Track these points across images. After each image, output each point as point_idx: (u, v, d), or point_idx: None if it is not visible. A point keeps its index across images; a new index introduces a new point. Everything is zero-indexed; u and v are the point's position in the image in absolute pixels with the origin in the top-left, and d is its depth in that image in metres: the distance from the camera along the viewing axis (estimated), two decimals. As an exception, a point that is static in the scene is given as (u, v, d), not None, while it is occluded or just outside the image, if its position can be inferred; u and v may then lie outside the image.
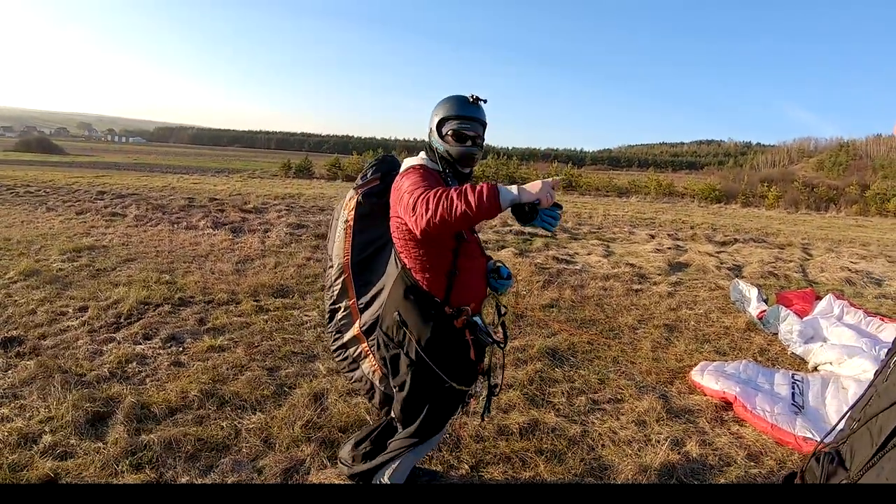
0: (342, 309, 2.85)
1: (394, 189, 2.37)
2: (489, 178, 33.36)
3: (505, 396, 4.17)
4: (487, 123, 2.47)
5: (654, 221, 18.22)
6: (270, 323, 5.51)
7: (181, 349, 4.76)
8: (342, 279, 2.81)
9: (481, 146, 2.48)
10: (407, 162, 2.53)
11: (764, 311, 6.53)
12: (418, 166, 2.40)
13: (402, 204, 2.17)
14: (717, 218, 21.94)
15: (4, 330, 4.91)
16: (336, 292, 2.85)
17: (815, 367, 5.26)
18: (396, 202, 2.30)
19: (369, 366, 2.78)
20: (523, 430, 3.72)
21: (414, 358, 2.41)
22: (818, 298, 7.09)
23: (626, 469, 3.37)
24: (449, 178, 2.47)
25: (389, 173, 2.66)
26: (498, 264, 2.74)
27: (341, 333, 2.89)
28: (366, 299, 2.78)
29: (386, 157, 2.81)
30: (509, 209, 2.08)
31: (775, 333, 6.11)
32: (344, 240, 2.76)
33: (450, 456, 3.41)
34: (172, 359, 4.53)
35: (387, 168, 2.73)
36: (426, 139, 2.53)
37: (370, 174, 2.72)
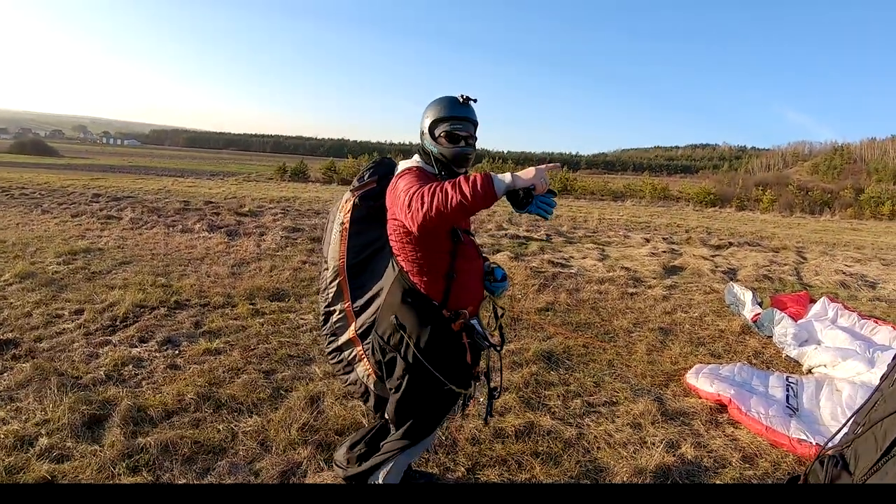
0: (337, 312, 2.83)
1: (389, 191, 2.37)
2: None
3: (501, 399, 4.17)
4: (478, 123, 2.48)
5: (650, 225, 18.26)
6: (266, 326, 5.51)
7: (177, 352, 4.76)
8: (337, 282, 2.78)
9: (474, 146, 2.48)
10: (402, 164, 2.53)
11: (758, 315, 6.55)
12: (414, 168, 2.40)
13: (399, 203, 2.17)
14: (712, 221, 22.01)
15: (0, 332, 4.90)
16: (331, 295, 2.83)
17: (810, 370, 5.28)
18: (393, 203, 2.29)
19: (364, 369, 2.76)
20: (519, 433, 3.73)
21: (411, 361, 2.40)
22: (812, 301, 7.12)
23: (622, 471, 3.39)
24: (443, 178, 2.47)
25: (386, 176, 2.64)
26: (493, 266, 2.75)
27: (336, 336, 2.86)
28: (361, 302, 2.76)
29: (383, 160, 2.80)
30: (504, 197, 2.08)
31: (770, 336, 6.13)
32: (340, 242, 2.74)
33: (446, 458, 3.41)
34: (168, 362, 4.53)
35: (383, 171, 2.71)
36: (419, 142, 2.53)
37: (367, 177, 2.70)
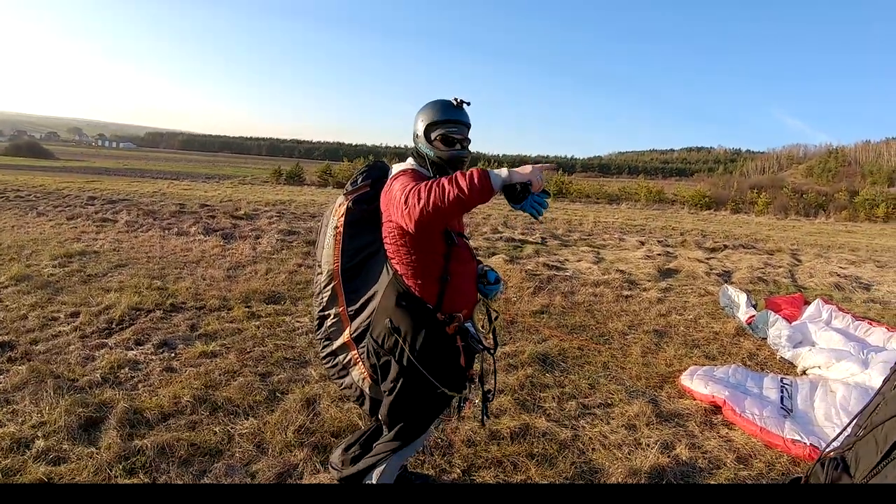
0: (332, 316, 2.82)
1: (384, 193, 2.37)
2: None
3: (496, 401, 4.19)
4: (471, 125, 2.50)
5: (645, 228, 18.31)
6: (262, 329, 5.51)
7: (173, 355, 4.75)
8: (332, 286, 2.78)
9: (468, 148, 2.50)
10: (396, 167, 2.53)
11: (753, 317, 6.58)
12: (409, 170, 2.40)
13: (395, 202, 2.16)
14: (707, 224, 22.08)
15: (-5, 335, 4.89)
16: (325, 299, 2.82)
17: (804, 371, 5.31)
18: (388, 204, 2.29)
19: (359, 373, 2.76)
20: (514, 435, 3.73)
21: (405, 364, 2.41)
22: (807, 303, 7.16)
23: (617, 472, 3.40)
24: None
25: (380, 180, 2.65)
26: (485, 269, 2.75)
27: (331, 340, 2.86)
28: (356, 306, 2.76)
29: (376, 164, 2.80)
30: (501, 192, 2.08)
31: (764, 338, 6.16)
32: (333, 247, 2.73)
33: (441, 460, 3.42)
34: (165, 364, 4.53)
35: (377, 174, 2.71)
36: (413, 145, 2.54)
37: (360, 180, 2.70)
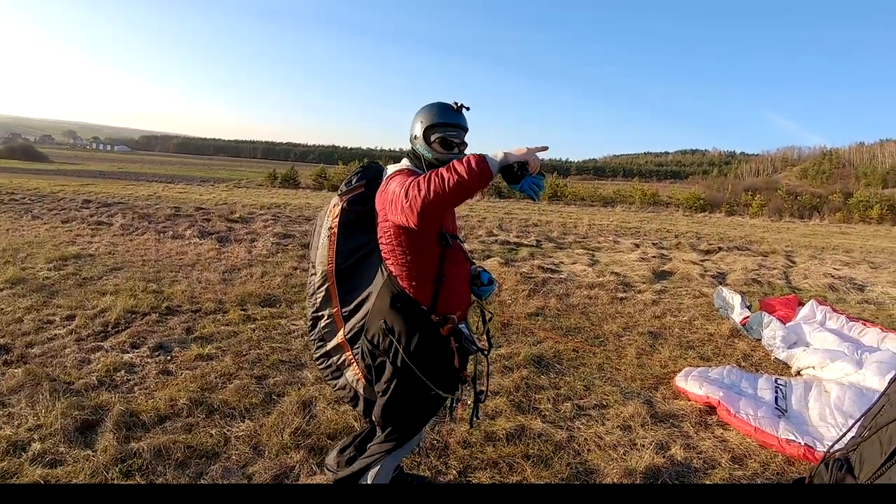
0: (325, 317, 2.81)
1: (380, 193, 2.37)
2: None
3: (492, 403, 4.20)
4: (469, 129, 2.52)
5: (639, 230, 18.37)
6: (258, 332, 5.51)
7: (169, 358, 4.75)
8: (326, 287, 2.77)
9: (464, 152, 2.51)
10: (391, 168, 2.53)
11: (747, 318, 6.61)
12: (405, 170, 2.40)
13: (394, 198, 2.16)
14: (702, 227, 22.16)
15: (-9, 338, 4.88)
16: (319, 300, 2.80)
17: (798, 372, 5.34)
18: (385, 203, 2.29)
19: (353, 374, 2.75)
20: (510, 436, 3.75)
21: (399, 366, 2.42)
22: (801, 304, 7.19)
23: (612, 472, 3.42)
24: None
25: (374, 180, 2.64)
26: (479, 270, 2.77)
27: (324, 342, 2.84)
28: (350, 307, 2.74)
29: (371, 165, 2.79)
30: (499, 174, 2.11)
31: (758, 339, 6.19)
32: (328, 248, 2.72)
33: (437, 462, 3.43)
34: (160, 367, 4.53)
35: (371, 175, 2.70)
36: (410, 146, 2.55)
37: (355, 181, 2.68)
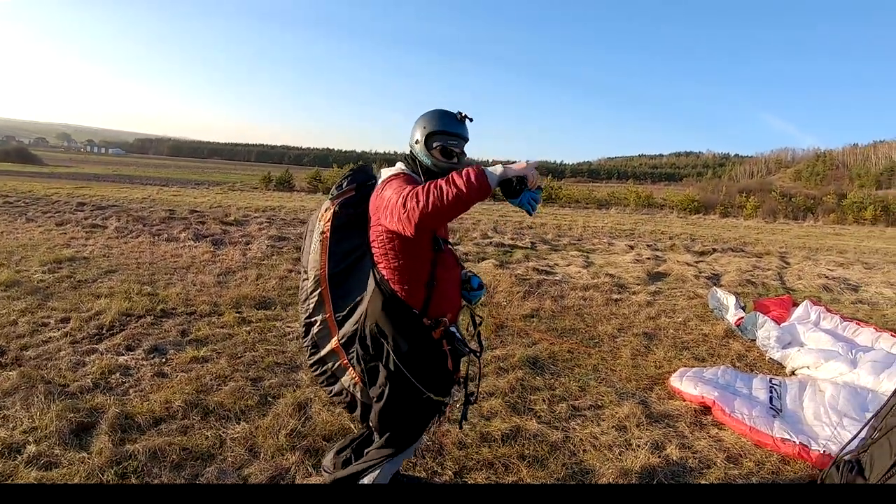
0: (318, 322, 2.79)
1: (375, 197, 2.38)
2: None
3: (487, 404, 4.21)
4: (469, 140, 2.54)
5: (634, 232, 18.42)
6: (253, 334, 5.51)
7: (164, 360, 4.75)
8: (318, 291, 2.74)
9: (462, 162, 2.53)
10: (386, 171, 2.52)
11: (741, 318, 6.64)
12: (401, 174, 2.41)
13: (389, 207, 2.17)
14: (696, 228, 22.22)
15: (-15, 341, 4.86)
16: (312, 305, 2.78)
17: (793, 372, 5.37)
18: (380, 209, 2.29)
19: (349, 378, 2.73)
20: (505, 437, 3.75)
21: (392, 369, 2.42)
22: (795, 305, 7.22)
23: (608, 472, 3.43)
24: None
25: (365, 183, 2.66)
26: (469, 274, 2.77)
27: (318, 347, 2.81)
28: (343, 312, 2.72)
29: (361, 168, 2.79)
30: (498, 188, 2.12)
31: (753, 340, 6.22)
32: (320, 252, 2.70)
33: (433, 463, 3.44)
34: (156, 369, 4.52)
35: (362, 178, 2.70)
36: (409, 149, 2.55)
37: (345, 185, 2.68)
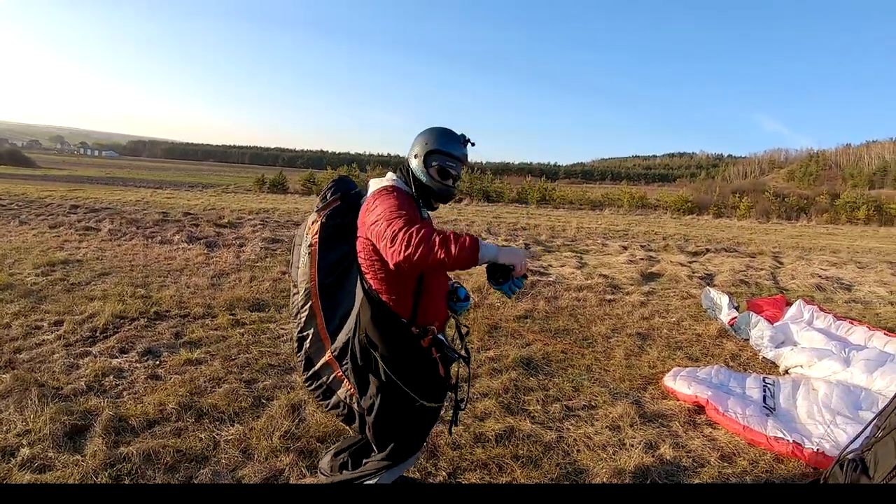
0: (311, 336, 2.77)
1: (365, 211, 2.39)
2: (463, 193, 33.48)
3: (481, 405, 4.22)
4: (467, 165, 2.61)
5: (627, 233, 18.46)
6: (247, 336, 5.51)
7: (158, 362, 4.74)
8: (309, 305, 2.74)
9: (458, 185, 2.60)
10: (376, 183, 2.54)
11: (735, 318, 6.66)
12: (391, 188, 2.43)
13: (377, 231, 2.19)
14: (690, 229, 22.27)
15: (-22, 345, 4.84)
16: (304, 319, 2.77)
17: (787, 371, 5.39)
18: (368, 225, 2.30)
19: (345, 390, 2.71)
20: (499, 437, 3.76)
21: (384, 379, 2.43)
22: (788, 304, 7.23)
23: (602, 472, 3.44)
24: (420, 203, 2.53)
25: (348, 192, 2.68)
26: (455, 286, 2.78)
27: (312, 361, 2.80)
28: (336, 323, 2.71)
29: (342, 178, 2.79)
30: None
31: (746, 339, 6.24)
32: (309, 265, 2.70)
33: (427, 463, 3.44)
34: (149, 372, 4.52)
35: (345, 187, 2.71)
36: (408, 162, 2.56)
37: (329, 196, 2.68)
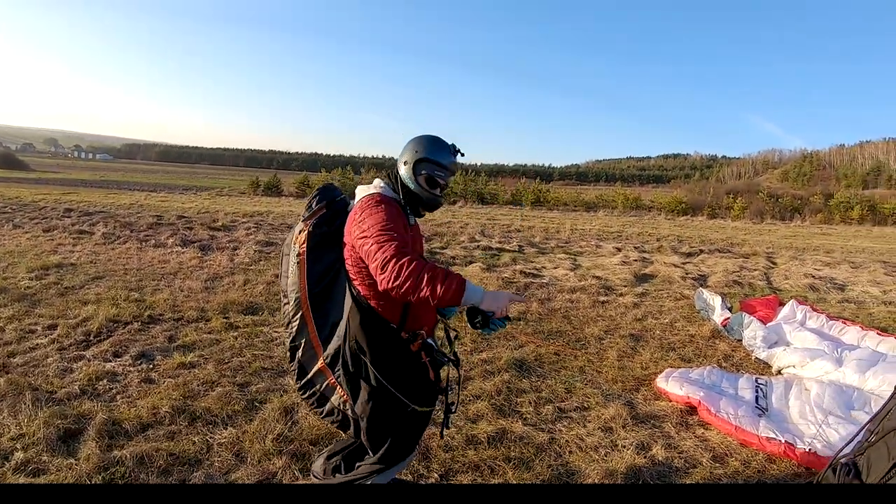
0: (303, 345, 2.78)
1: (352, 221, 2.41)
2: (457, 195, 33.47)
3: (473, 407, 4.24)
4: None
5: (621, 235, 18.53)
6: (240, 339, 5.51)
7: (151, 366, 4.74)
8: (300, 314, 2.75)
9: (445, 194, 2.66)
10: (363, 190, 2.56)
11: (728, 319, 6.69)
12: (378, 197, 2.45)
13: (366, 250, 2.23)
14: (684, 230, 22.36)
15: (-29, 349, 4.83)
16: (295, 329, 2.78)
17: (779, 371, 5.43)
18: (357, 237, 2.33)
19: (339, 397, 2.72)
20: (491, 439, 3.78)
21: (374, 385, 2.44)
22: (781, 305, 7.28)
23: (593, 473, 3.46)
24: (407, 210, 2.56)
25: (333, 200, 2.71)
26: None
27: (305, 370, 2.81)
28: (327, 331, 2.73)
29: (327, 186, 2.83)
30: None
31: (739, 340, 6.28)
32: (298, 274, 2.71)
33: (419, 465, 3.46)
34: (143, 376, 4.52)
35: (329, 195, 2.75)
36: (397, 168, 2.58)
37: (315, 205, 2.71)
